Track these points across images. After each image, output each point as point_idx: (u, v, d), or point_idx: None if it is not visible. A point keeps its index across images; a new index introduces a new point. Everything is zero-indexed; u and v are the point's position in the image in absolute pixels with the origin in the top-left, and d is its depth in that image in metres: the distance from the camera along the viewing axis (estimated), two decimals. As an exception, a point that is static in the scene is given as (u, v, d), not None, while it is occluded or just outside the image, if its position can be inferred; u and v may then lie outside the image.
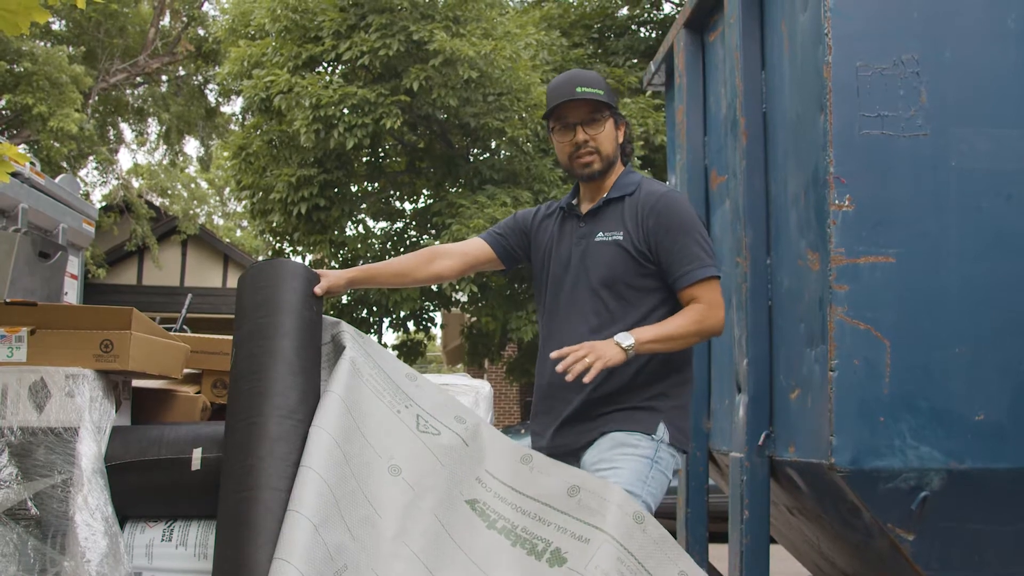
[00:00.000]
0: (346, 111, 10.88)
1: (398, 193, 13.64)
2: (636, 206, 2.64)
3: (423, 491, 2.38)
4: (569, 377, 2.36)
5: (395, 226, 13.56)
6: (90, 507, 2.35)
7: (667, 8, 15.41)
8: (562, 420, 2.61)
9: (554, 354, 2.42)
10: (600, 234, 2.66)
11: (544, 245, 2.80)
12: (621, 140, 2.75)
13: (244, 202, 13.18)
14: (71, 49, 17.44)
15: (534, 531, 2.31)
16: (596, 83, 2.67)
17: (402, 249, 12.80)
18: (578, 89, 2.64)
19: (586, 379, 2.36)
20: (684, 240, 2.56)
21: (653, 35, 14.83)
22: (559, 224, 2.80)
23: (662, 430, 2.56)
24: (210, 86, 21.18)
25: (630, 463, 2.48)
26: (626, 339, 2.43)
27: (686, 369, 2.67)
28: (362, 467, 2.33)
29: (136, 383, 2.81)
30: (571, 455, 2.57)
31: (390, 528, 2.27)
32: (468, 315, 13.97)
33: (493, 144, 12.33)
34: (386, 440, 2.43)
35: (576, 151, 2.67)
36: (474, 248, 2.88)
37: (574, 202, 2.80)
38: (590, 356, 2.37)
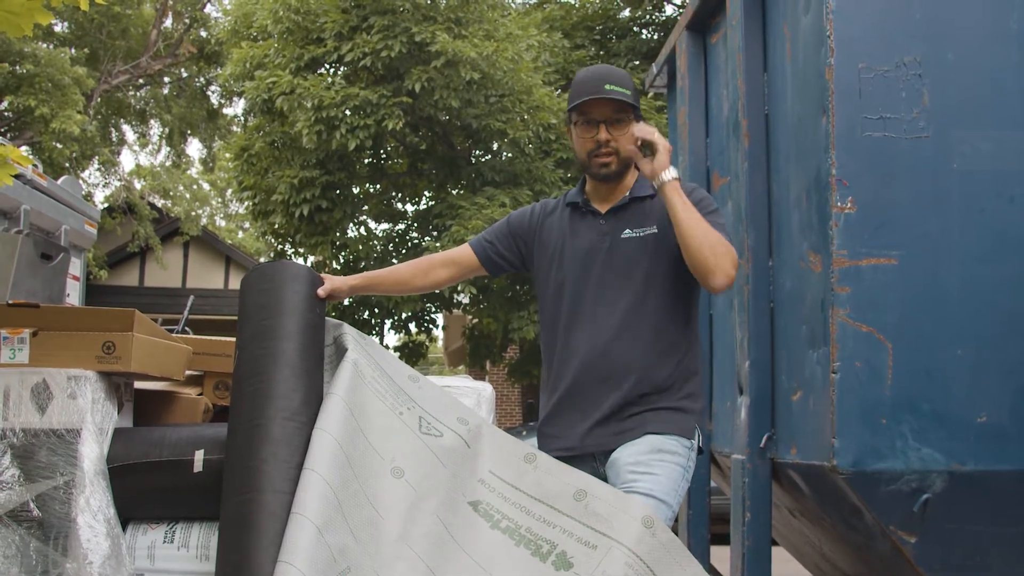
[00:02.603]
0: (348, 112, 10.88)
1: (400, 195, 13.66)
2: None
3: (425, 493, 2.38)
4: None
5: (397, 228, 13.57)
6: (92, 509, 2.35)
7: (669, 10, 15.43)
8: (595, 421, 2.55)
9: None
10: (628, 231, 2.62)
11: (553, 243, 2.73)
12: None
13: (246, 203, 13.19)
14: (73, 51, 17.47)
15: (539, 532, 2.31)
16: (624, 83, 2.62)
17: (404, 251, 12.81)
18: (607, 87, 2.58)
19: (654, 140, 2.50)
20: (712, 216, 2.54)
21: (655, 37, 14.84)
22: (569, 221, 2.73)
23: (697, 435, 2.56)
24: (212, 88, 21.21)
25: (667, 470, 2.46)
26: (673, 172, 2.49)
27: (701, 369, 2.68)
28: (364, 469, 2.33)
29: (138, 385, 2.82)
30: (603, 455, 2.54)
31: (392, 530, 2.27)
32: (470, 317, 13.97)
33: (495, 146, 12.34)
34: (388, 442, 2.42)
35: (596, 149, 2.62)
36: (463, 256, 2.86)
37: (585, 198, 2.73)
38: (654, 136, 2.49)
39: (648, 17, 15.36)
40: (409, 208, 13.88)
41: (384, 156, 13.26)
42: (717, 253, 2.42)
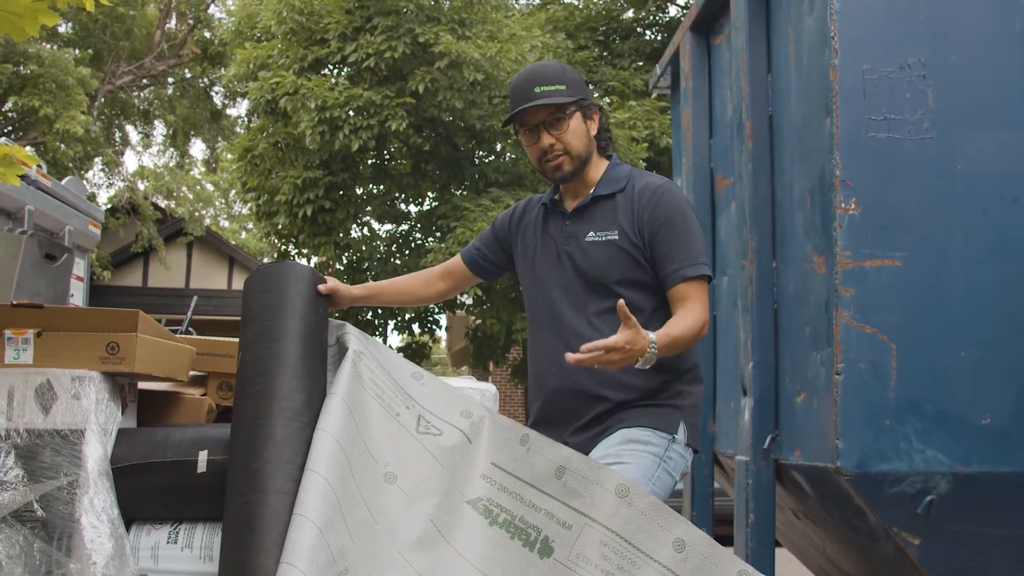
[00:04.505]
0: (351, 113, 10.89)
1: (403, 195, 13.66)
2: (631, 202, 2.54)
3: (419, 497, 2.37)
4: (582, 358, 2.16)
5: (400, 228, 13.57)
6: (96, 509, 2.35)
7: (673, 11, 15.43)
8: (577, 428, 2.51)
9: (587, 347, 2.19)
10: (591, 233, 2.55)
11: (529, 246, 2.70)
12: (595, 131, 2.62)
13: (249, 204, 13.20)
14: (77, 51, 17.51)
15: (529, 520, 2.28)
16: (556, 78, 2.52)
17: (407, 252, 12.82)
18: (536, 90, 2.51)
19: (609, 366, 2.21)
20: (677, 235, 2.47)
21: (659, 38, 14.84)
22: (542, 222, 2.68)
23: (682, 430, 2.48)
24: (216, 88, 21.24)
25: (637, 459, 2.39)
26: (653, 349, 2.25)
27: (697, 366, 2.60)
28: (361, 471, 2.33)
29: (142, 385, 2.82)
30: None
31: (385, 536, 2.27)
32: (473, 317, 13.97)
33: (498, 146, 12.34)
34: (383, 446, 2.42)
35: (544, 156, 2.56)
36: (456, 267, 2.88)
37: (556, 198, 2.68)
38: (616, 354, 2.18)
39: (652, 18, 15.36)
40: (413, 209, 13.89)
41: (387, 157, 13.26)
42: (702, 333, 2.43)
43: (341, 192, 12.05)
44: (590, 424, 2.50)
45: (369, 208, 13.27)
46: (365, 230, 13.47)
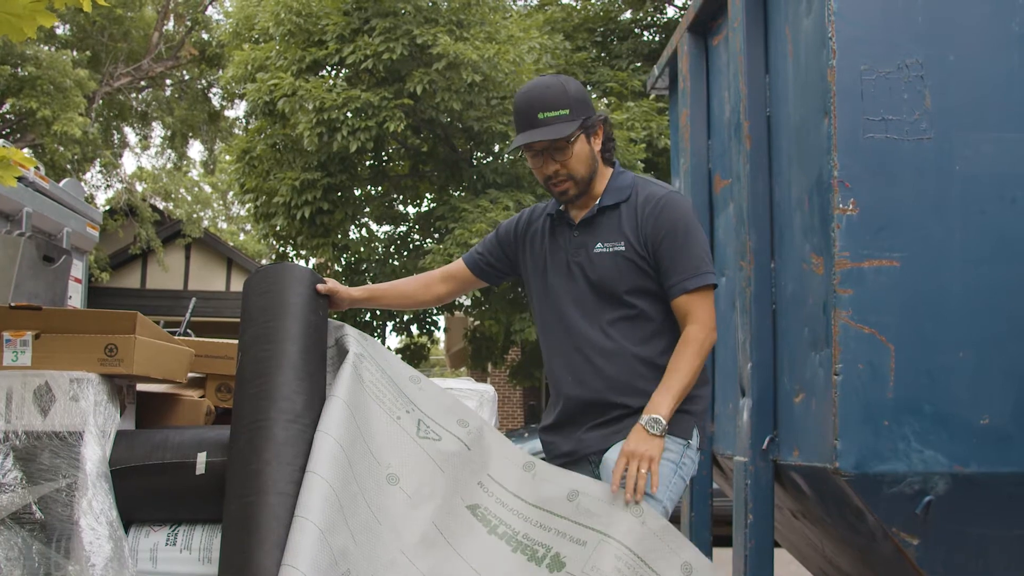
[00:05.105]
0: (349, 115, 10.90)
1: (401, 197, 13.68)
2: (635, 212, 2.57)
3: (421, 500, 2.38)
4: (639, 497, 2.29)
5: (398, 230, 13.59)
6: (94, 511, 2.35)
7: (671, 12, 15.44)
8: (590, 427, 2.55)
9: (613, 489, 2.32)
10: (599, 244, 2.58)
11: (539, 257, 2.72)
12: (599, 146, 2.63)
13: (248, 206, 13.21)
14: (75, 53, 17.51)
15: (535, 537, 2.31)
16: (559, 102, 2.51)
17: (405, 253, 12.82)
18: (540, 116, 2.50)
19: (653, 490, 2.32)
20: (680, 246, 2.51)
21: (656, 38, 14.87)
22: (549, 232, 2.71)
23: (696, 436, 2.53)
24: (214, 90, 21.25)
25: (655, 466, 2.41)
26: (656, 424, 2.36)
27: (705, 368, 2.63)
28: (363, 473, 2.33)
29: (140, 387, 2.82)
30: (596, 454, 2.53)
31: (388, 536, 2.27)
32: (471, 319, 13.98)
33: (496, 148, 12.35)
34: (385, 448, 2.43)
35: (549, 180, 2.59)
36: (459, 270, 2.89)
37: (561, 208, 2.70)
38: (642, 465, 2.31)
39: (650, 19, 15.38)
40: (411, 210, 13.91)
41: (385, 158, 13.27)
42: (706, 349, 2.50)
43: (339, 193, 12.06)
44: (609, 422, 2.53)
45: (367, 209, 13.28)
46: (363, 231, 13.49)
